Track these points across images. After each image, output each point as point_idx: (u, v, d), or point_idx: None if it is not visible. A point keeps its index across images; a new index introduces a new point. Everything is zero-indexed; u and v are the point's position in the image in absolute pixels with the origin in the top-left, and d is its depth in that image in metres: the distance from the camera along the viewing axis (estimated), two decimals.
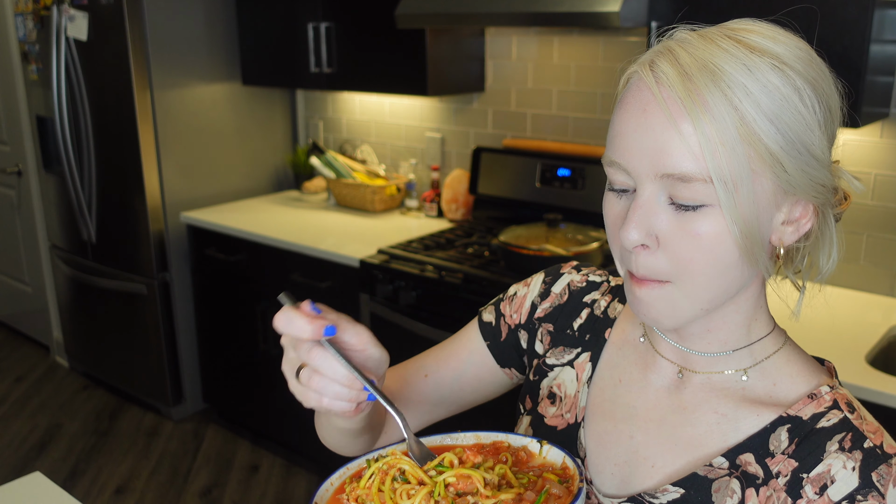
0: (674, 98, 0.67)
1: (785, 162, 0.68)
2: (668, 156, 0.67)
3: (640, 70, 0.71)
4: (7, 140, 3.97)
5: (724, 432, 0.78)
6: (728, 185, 0.66)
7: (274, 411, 3.15)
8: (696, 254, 0.69)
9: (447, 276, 2.40)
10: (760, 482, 0.74)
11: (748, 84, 0.66)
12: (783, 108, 0.67)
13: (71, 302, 3.81)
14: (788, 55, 0.70)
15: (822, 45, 1.98)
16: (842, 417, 0.74)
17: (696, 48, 0.68)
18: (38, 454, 3.25)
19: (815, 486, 0.71)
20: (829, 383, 0.78)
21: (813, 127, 0.69)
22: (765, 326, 0.81)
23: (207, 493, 2.98)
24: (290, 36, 3.06)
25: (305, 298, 0.74)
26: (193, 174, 3.31)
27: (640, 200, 0.70)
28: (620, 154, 0.71)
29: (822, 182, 0.71)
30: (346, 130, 3.54)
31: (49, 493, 1.39)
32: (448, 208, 3.01)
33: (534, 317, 0.97)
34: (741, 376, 0.79)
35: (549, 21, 2.22)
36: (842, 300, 2.17)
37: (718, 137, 0.66)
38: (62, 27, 3.20)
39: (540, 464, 0.69)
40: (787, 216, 0.72)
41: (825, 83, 0.72)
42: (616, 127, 0.72)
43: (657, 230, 0.70)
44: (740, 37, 0.70)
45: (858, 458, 0.71)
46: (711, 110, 0.66)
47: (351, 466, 0.74)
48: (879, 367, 1.82)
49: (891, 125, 2.10)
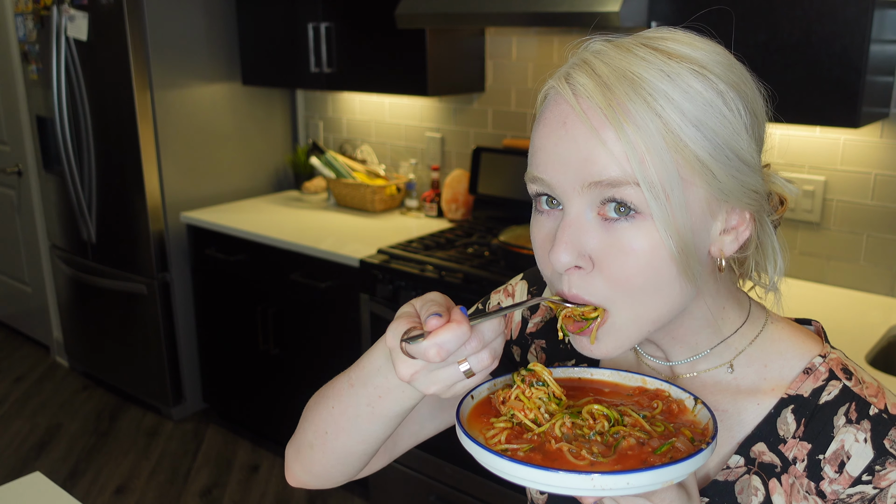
0: (594, 108, 0.65)
1: (714, 168, 0.66)
2: (594, 164, 0.65)
3: (557, 84, 0.68)
4: (7, 140, 3.97)
5: (730, 428, 0.77)
6: (658, 194, 0.64)
7: (274, 411, 3.15)
8: (633, 271, 0.66)
9: (447, 276, 2.40)
10: (780, 470, 0.74)
11: (669, 91, 0.65)
12: (708, 114, 0.65)
13: (71, 302, 3.81)
14: (708, 60, 0.68)
15: (822, 45, 2.00)
16: (841, 387, 0.74)
17: (612, 58, 0.66)
18: (38, 454, 3.25)
19: (832, 465, 0.72)
20: (821, 351, 0.77)
21: (740, 131, 0.67)
22: (737, 318, 0.78)
23: (207, 493, 2.98)
24: (290, 36, 3.06)
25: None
26: (193, 174, 3.31)
27: (568, 219, 0.67)
28: (543, 169, 0.68)
29: (754, 188, 0.69)
30: (346, 130, 3.54)
31: (49, 493, 1.39)
32: (448, 208, 3.01)
33: (526, 332, 0.95)
34: (727, 370, 0.78)
35: (549, 21, 2.22)
36: (842, 300, 2.17)
37: (644, 145, 0.64)
38: (62, 27, 3.20)
39: (689, 420, 0.70)
40: (725, 224, 0.70)
41: (748, 87, 0.70)
42: (536, 143, 0.70)
43: (589, 249, 0.67)
44: (657, 45, 0.68)
45: (867, 427, 0.71)
46: (634, 119, 0.64)
47: (497, 382, 0.75)
48: (879, 367, 1.82)
49: (891, 125, 2.10)
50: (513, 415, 0.69)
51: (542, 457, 0.64)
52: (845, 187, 2.21)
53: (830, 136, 2.20)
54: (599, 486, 0.59)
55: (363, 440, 0.81)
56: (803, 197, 2.26)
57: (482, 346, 0.67)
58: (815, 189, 2.24)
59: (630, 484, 0.59)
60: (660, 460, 0.62)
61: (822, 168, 2.23)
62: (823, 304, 2.13)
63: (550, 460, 0.63)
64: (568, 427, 0.67)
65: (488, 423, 0.70)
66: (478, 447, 0.64)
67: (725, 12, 1.96)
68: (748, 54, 2.26)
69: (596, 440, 0.66)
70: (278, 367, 3.04)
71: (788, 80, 1.90)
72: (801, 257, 2.31)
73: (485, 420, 0.70)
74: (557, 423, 0.67)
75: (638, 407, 0.72)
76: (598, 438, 0.66)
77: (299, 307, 2.86)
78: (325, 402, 0.83)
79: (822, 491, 0.72)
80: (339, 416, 0.80)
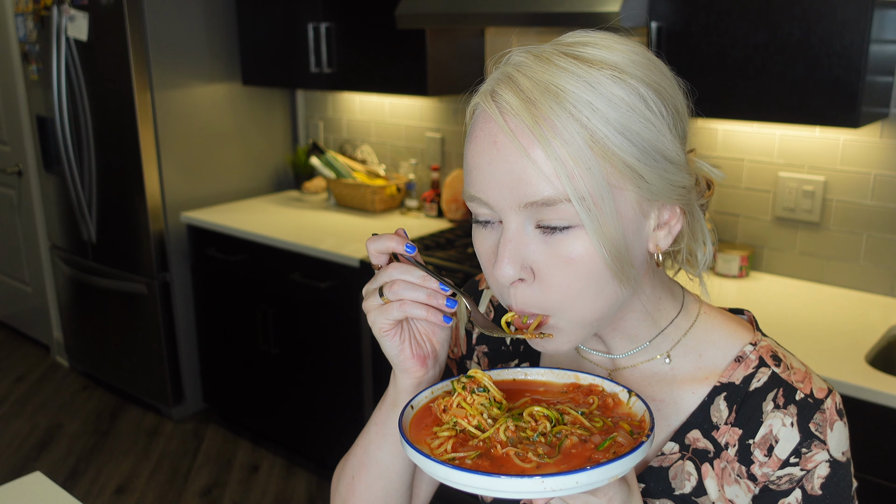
0: (522, 128, 0.66)
1: (643, 172, 0.68)
2: (527, 184, 0.67)
3: (483, 102, 0.70)
4: (7, 140, 3.98)
5: (667, 417, 0.80)
6: (589, 205, 0.66)
7: (274, 411, 3.15)
8: (573, 279, 0.69)
9: (447, 275, 2.40)
10: (712, 456, 0.77)
11: (593, 100, 0.66)
12: (631, 119, 0.67)
13: (71, 302, 3.81)
14: (626, 62, 0.69)
15: (822, 45, 2.00)
16: (770, 374, 0.77)
17: (535, 71, 0.68)
18: (38, 454, 3.25)
19: (762, 449, 0.75)
20: (752, 340, 0.80)
21: (663, 131, 0.69)
22: (671, 309, 0.82)
23: (207, 493, 2.98)
24: (290, 36, 3.06)
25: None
26: (193, 174, 3.31)
27: (508, 234, 0.69)
28: (479, 189, 0.71)
29: (681, 184, 0.72)
30: (346, 130, 3.55)
31: (49, 493, 1.39)
32: (448, 208, 3.01)
33: (472, 342, 0.98)
34: (664, 360, 0.81)
35: (549, 21, 2.22)
36: (842, 300, 2.17)
37: (572, 159, 0.65)
38: (62, 27, 3.20)
39: (625, 413, 0.71)
40: (657, 221, 0.73)
41: (667, 84, 0.71)
42: (470, 161, 0.72)
43: (531, 261, 0.70)
44: (576, 51, 0.69)
45: (794, 412, 0.75)
46: (561, 133, 0.65)
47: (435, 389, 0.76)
48: (879, 367, 1.82)
49: (890, 125, 2.10)
50: (455, 422, 0.70)
51: (490, 463, 0.64)
52: (845, 187, 2.21)
53: (830, 136, 2.20)
54: (550, 487, 0.60)
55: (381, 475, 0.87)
56: (803, 197, 2.26)
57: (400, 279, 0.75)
58: (815, 189, 2.24)
59: (579, 483, 0.60)
60: (604, 456, 0.64)
61: (821, 168, 2.23)
62: (823, 304, 2.13)
63: (498, 466, 0.64)
64: (512, 431, 0.68)
65: (431, 432, 0.70)
66: (424, 458, 0.64)
67: (725, 12, 1.96)
68: (748, 54, 2.26)
69: (540, 441, 0.67)
70: (278, 367, 3.04)
71: (788, 80, 1.90)
72: (800, 257, 2.32)
73: (427, 429, 0.71)
74: (501, 428, 0.68)
75: (574, 404, 0.73)
76: (541, 440, 0.67)
77: (299, 307, 2.86)
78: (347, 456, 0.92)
79: (753, 474, 0.75)
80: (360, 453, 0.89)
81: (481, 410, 0.70)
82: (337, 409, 2.88)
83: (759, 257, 2.39)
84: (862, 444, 1.37)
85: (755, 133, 2.32)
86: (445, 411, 0.71)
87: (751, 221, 2.39)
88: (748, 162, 2.35)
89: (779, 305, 2.14)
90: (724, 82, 1.98)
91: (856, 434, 0.93)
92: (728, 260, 2.32)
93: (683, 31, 2.02)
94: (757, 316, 0.91)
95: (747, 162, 2.35)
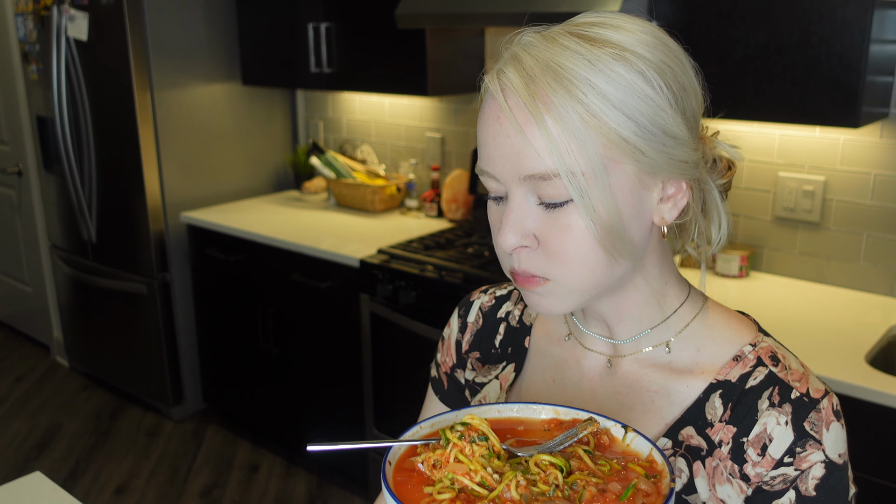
0: (520, 105, 0.69)
1: (642, 146, 0.70)
2: (525, 158, 0.70)
3: (490, 80, 0.73)
4: (7, 140, 3.98)
5: (660, 409, 0.80)
6: (580, 181, 0.68)
7: (274, 411, 3.15)
8: (570, 244, 0.72)
9: (447, 276, 2.40)
10: (705, 453, 0.77)
11: (591, 77, 0.68)
12: (630, 95, 0.69)
13: (71, 302, 3.81)
14: (631, 41, 0.71)
15: (822, 45, 1.99)
16: (767, 373, 0.77)
17: (539, 50, 0.71)
18: (38, 454, 3.25)
19: (755, 447, 0.74)
20: (752, 340, 0.80)
21: (664, 107, 0.71)
22: (677, 297, 0.82)
23: (207, 493, 2.98)
24: (290, 36, 3.06)
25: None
26: (193, 174, 3.31)
27: (511, 205, 0.73)
28: (486, 162, 0.74)
29: (683, 159, 0.73)
30: (346, 130, 3.55)
31: (49, 493, 1.39)
32: (448, 208, 3.01)
33: (461, 352, 1.00)
34: (664, 350, 0.81)
35: (549, 21, 2.22)
36: (841, 300, 2.17)
37: (566, 135, 0.68)
38: (62, 27, 3.20)
39: (622, 451, 0.65)
40: (662, 194, 0.75)
41: (674, 62, 0.73)
42: (480, 137, 0.75)
43: (532, 230, 0.73)
44: (582, 31, 0.72)
45: (789, 410, 0.74)
46: (557, 109, 0.68)
47: (423, 426, 0.67)
48: (879, 367, 1.82)
49: (890, 125, 2.10)
50: (453, 479, 0.60)
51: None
52: (845, 187, 2.21)
53: (830, 136, 2.20)
54: None
55: None
56: (803, 197, 2.26)
57: None
58: (815, 189, 2.24)
59: None
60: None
61: (821, 168, 2.23)
62: (823, 304, 2.13)
63: None
64: (524, 486, 0.59)
65: (422, 493, 0.60)
66: None
67: (725, 12, 1.96)
68: (748, 54, 2.27)
69: (558, 497, 0.59)
70: (278, 367, 3.04)
71: (788, 80, 1.90)
72: (800, 257, 2.32)
73: (416, 490, 0.61)
74: (512, 484, 0.59)
75: (579, 443, 0.66)
76: (559, 494, 0.59)
77: (299, 307, 2.87)
78: None
79: (746, 474, 0.74)
80: None
81: (483, 464, 0.61)
82: (337, 409, 2.88)
83: (758, 257, 2.39)
84: (862, 444, 1.37)
85: (755, 133, 2.32)
86: (437, 467, 0.62)
87: (751, 221, 2.39)
88: (748, 162, 2.35)
89: (779, 305, 2.14)
90: (724, 82, 1.98)
91: (856, 434, 0.93)
92: (728, 260, 2.33)
93: (683, 31, 2.02)
94: (757, 316, 0.91)
95: (747, 162, 2.35)
